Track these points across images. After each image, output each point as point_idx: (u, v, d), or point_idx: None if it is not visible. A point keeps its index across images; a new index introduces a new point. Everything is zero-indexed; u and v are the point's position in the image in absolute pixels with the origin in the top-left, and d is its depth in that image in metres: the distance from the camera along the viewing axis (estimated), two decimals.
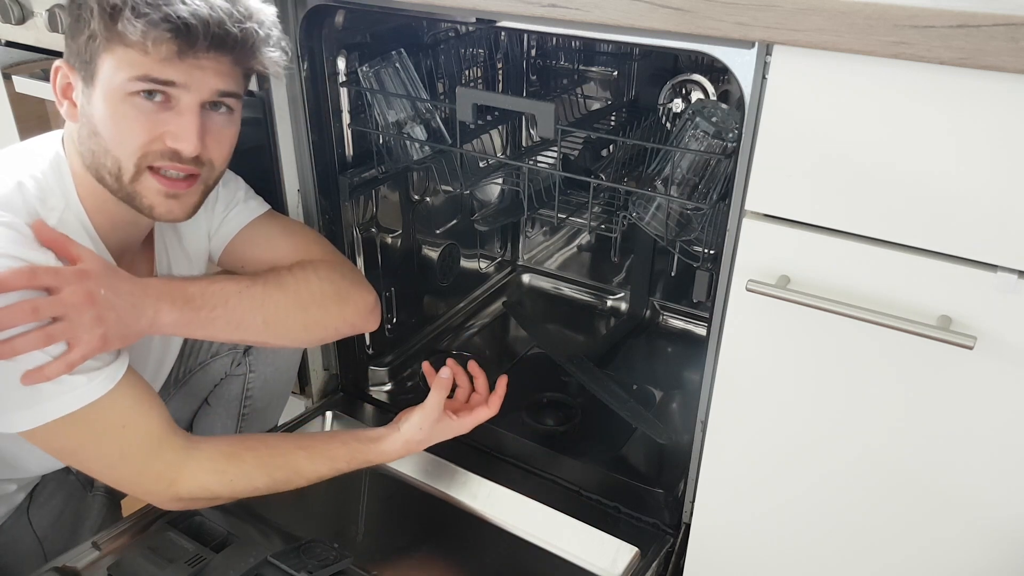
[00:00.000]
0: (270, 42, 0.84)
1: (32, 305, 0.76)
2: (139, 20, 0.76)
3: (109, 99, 0.80)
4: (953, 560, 0.86)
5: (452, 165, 1.19)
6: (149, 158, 0.83)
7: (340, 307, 1.02)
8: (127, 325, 0.84)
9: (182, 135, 0.82)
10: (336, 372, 1.33)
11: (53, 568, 0.92)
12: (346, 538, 1.09)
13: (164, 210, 0.86)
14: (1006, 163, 0.68)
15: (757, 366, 0.87)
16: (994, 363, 0.74)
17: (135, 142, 0.82)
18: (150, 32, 0.76)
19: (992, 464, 0.79)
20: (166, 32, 0.76)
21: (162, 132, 0.82)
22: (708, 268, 1.04)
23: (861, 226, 0.76)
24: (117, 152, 0.82)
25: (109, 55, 0.79)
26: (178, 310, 0.88)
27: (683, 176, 1.05)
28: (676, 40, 0.79)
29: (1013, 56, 0.62)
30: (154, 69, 0.79)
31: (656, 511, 1.08)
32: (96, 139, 0.82)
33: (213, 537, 0.96)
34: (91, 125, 0.82)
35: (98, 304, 0.80)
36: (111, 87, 0.80)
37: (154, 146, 0.82)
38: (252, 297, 0.94)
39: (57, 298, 0.78)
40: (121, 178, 0.84)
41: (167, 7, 0.76)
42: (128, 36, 0.77)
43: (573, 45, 1.47)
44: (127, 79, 0.79)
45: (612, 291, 1.66)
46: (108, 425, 0.84)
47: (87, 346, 0.79)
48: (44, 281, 0.78)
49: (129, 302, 0.84)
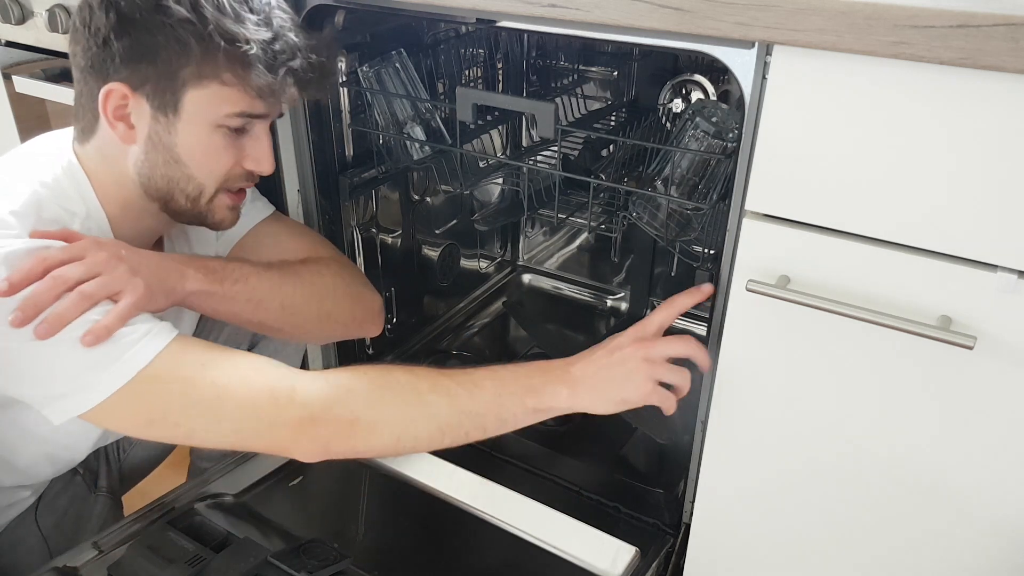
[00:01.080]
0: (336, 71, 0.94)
1: (57, 273, 0.76)
2: (271, 75, 0.82)
3: (199, 130, 0.83)
4: (953, 559, 0.86)
5: (452, 165, 1.19)
6: (229, 181, 0.88)
7: (352, 304, 1.03)
8: (163, 280, 0.84)
9: (263, 159, 0.89)
10: None
11: (53, 568, 0.92)
12: (346, 538, 1.09)
13: (230, 222, 0.93)
14: (1006, 163, 0.67)
15: (757, 366, 0.87)
16: (994, 363, 0.74)
17: (221, 169, 0.87)
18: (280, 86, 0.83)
19: (992, 464, 0.79)
20: (291, 88, 0.85)
21: (242, 156, 0.87)
22: (708, 268, 1.04)
23: (861, 226, 0.76)
24: (202, 179, 0.86)
25: (201, 90, 0.81)
26: (204, 276, 0.89)
27: (683, 176, 1.05)
28: (676, 40, 0.79)
29: (1013, 56, 0.62)
30: (252, 106, 0.84)
31: (656, 511, 1.08)
32: (177, 166, 0.85)
33: (213, 537, 0.96)
34: (171, 153, 0.84)
35: (126, 260, 0.81)
36: (202, 120, 0.83)
37: (235, 170, 0.88)
38: (270, 279, 0.96)
39: (83, 261, 0.78)
40: (199, 200, 0.88)
41: (291, 62, 0.83)
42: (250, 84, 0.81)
43: (573, 45, 1.47)
44: (225, 115, 0.83)
45: (612, 291, 1.66)
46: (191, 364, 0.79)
47: (133, 294, 0.79)
48: (58, 258, 0.77)
49: (156, 263, 0.85)
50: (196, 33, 0.78)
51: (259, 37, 0.81)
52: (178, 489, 1.08)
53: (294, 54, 0.84)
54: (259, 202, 1.05)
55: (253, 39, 0.80)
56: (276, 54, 0.82)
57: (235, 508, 1.08)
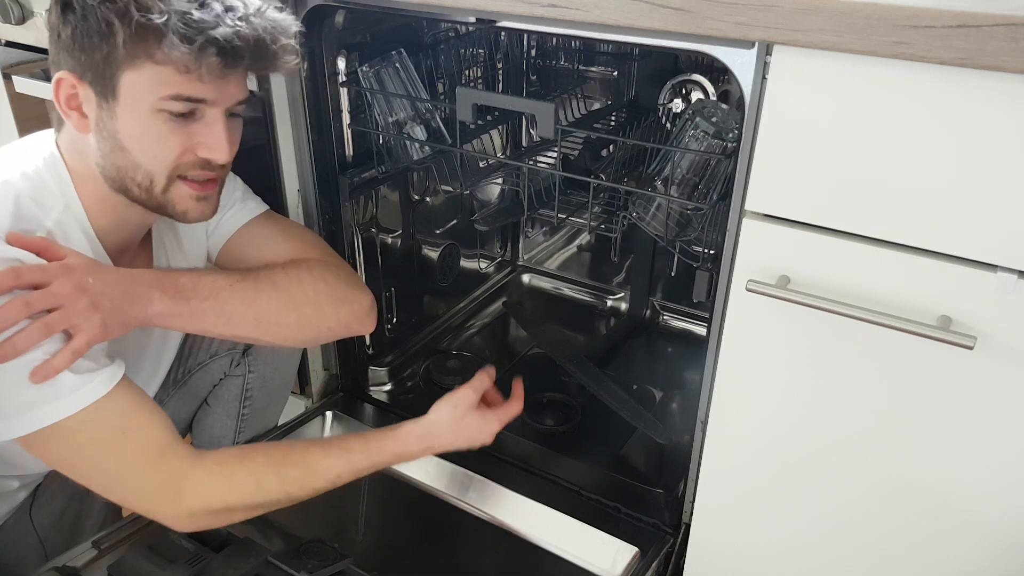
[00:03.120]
0: (290, 49, 0.86)
1: (24, 300, 0.76)
2: (185, 44, 0.76)
3: (137, 116, 0.81)
4: (953, 559, 0.86)
5: (452, 165, 1.19)
6: (181, 169, 0.85)
7: (335, 307, 1.01)
8: (123, 311, 0.84)
9: (215, 146, 0.84)
10: (336, 372, 1.33)
11: (53, 568, 0.92)
12: (346, 538, 1.09)
13: (197, 213, 0.89)
14: (1006, 163, 0.67)
15: (757, 366, 0.87)
16: (994, 363, 0.74)
17: (168, 157, 0.83)
18: (199, 57, 0.77)
19: (991, 464, 0.79)
20: (214, 57, 0.77)
21: (194, 143, 0.84)
22: (708, 268, 1.04)
23: (861, 226, 0.75)
24: (150, 166, 0.83)
25: (134, 72, 0.78)
26: (169, 298, 0.88)
27: (683, 176, 1.05)
28: (676, 40, 0.79)
29: (1013, 56, 0.62)
30: (187, 88, 0.80)
31: (656, 511, 1.08)
32: (123, 154, 0.83)
33: (213, 537, 0.96)
34: (115, 140, 0.82)
35: (89, 292, 0.81)
36: (140, 104, 0.80)
37: (186, 157, 0.84)
38: (243, 291, 0.94)
39: (48, 290, 0.78)
40: (152, 189, 0.85)
41: (212, 31, 0.77)
42: (170, 57, 0.77)
43: (573, 45, 1.47)
44: (159, 98, 0.80)
45: (612, 291, 1.66)
46: (107, 431, 0.82)
47: (88, 332, 0.79)
48: (31, 278, 0.78)
49: (120, 290, 0.84)
50: (117, 11, 0.76)
51: (177, 7, 0.76)
52: None
53: (217, 23, 0.77)
54: (251, 201, 1.05)
55: (169, 9, 0.76)
56: (195, 23, 0.76)
57: None
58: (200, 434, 1.18)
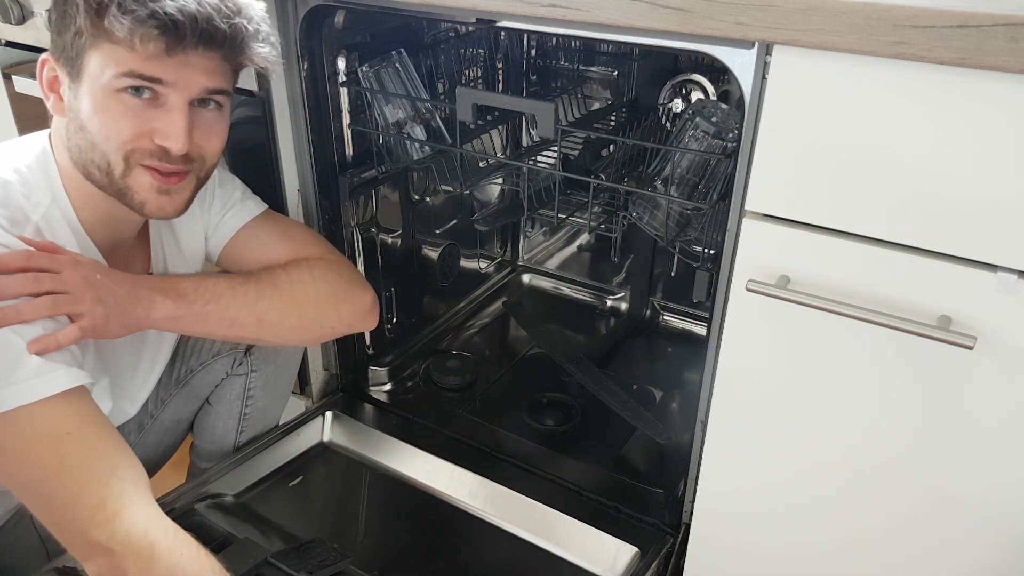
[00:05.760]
0: (259, 37, 0.84)
1: (35, 276, 0.78)
2: (126, 17, 0.75)
3: (96, 95, 0.80)
4: (952, 559, 0.86)
5: (452, 165, 1.19)
6: (137, 155, 0.83)
7: (336, 307, 1.02)
8: (125, 311, 0.85)
9: (170, 133, 0.82)
10: (336, 372, 1.33)
11: (53, 568, 0.92)
12: (346, 538, 1.09)
13: (155, 207, 0.86)
14: (1006, 163, 0.67)
15: (757, 366, 0.87)
16: (994, 363, 0.74)
17: (121, 137, 0.81)
18: (137, 29, 0.76)
19: (992, 463, 0.79)
20: (153, 29, 0.76)
21: (150, 129, 0.82)
22: (708, 268, 1.04)
23: (861, 226, 0.76)
24: (104, 147, 0.82)
25: (96, 51, 0.79)
26: (172, 302, 0.89)
27: (683, 176, 1.05)
28: (676, 40, 0.79)
29: (1013, 56, 0.62)
30: (141, 66, 0.79)
31: (656, 511, 1.08)
32: (83, 134, 0.83)
33: (213, 537, 0.96)
34: (78, 120, 0.83)
35: (96, 286, 0.82)
36: (98, 83, 0.80)
37: (142, 143, 0.82)
38: (245, 294, 0.95)
39: (58, 276, 0.80)
40: (111, 173, 0.83)
41: (154, 3, 0.76)
42: (115, 33, 0.76)
43: (573, 45, 1.47)
44: (113, 76, 0.79)
45: (612, 291, 1.66)
46: (55, 428, 0.77)
47: (92, 320, 0.81)
48: (41, 263, 0.79)
49: (125, 291, 0.85)
50: None
51: None
52: (178, 489, 1.08)
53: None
54: (250, 201, 1.05)
55: None
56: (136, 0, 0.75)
57: (235, 508, 1.08)
58: (201, 433, 1.18)
